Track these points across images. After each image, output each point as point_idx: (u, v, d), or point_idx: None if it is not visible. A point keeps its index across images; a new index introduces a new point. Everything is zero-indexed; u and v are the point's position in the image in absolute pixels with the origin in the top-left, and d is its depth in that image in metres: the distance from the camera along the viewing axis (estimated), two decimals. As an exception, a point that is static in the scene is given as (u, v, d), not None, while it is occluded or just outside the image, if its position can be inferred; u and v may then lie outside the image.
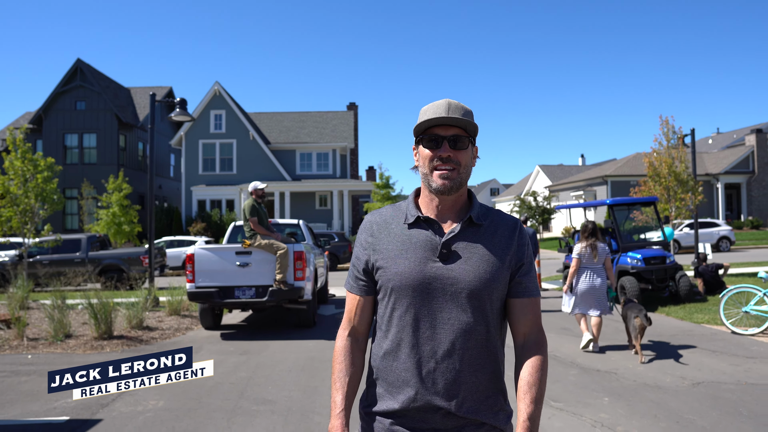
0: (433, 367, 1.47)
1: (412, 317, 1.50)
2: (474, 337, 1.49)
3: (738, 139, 45.90)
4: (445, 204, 1.57)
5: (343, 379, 1.58)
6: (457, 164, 1.53)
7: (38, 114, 31.29)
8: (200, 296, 8.03)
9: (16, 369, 6.43)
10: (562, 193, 39.95)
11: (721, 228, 25.22)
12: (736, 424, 4.26)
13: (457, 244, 1.52)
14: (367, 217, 1.67)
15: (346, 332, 1.64)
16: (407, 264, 1.51)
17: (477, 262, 1.51)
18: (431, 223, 1.55)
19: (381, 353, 1.56)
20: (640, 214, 15.49)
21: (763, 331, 7.44)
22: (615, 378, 5.64)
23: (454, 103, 1.55)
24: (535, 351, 1.58)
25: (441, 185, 1.52)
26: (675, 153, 14.35)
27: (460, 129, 1.54)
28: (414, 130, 1.58)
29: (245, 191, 30.44)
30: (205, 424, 4.48)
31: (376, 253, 1.57)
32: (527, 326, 1.60)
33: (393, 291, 1.53)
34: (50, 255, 15.90)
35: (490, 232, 1.55)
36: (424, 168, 1.56)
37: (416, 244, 1.53)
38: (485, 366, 1.51)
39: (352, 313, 1.64)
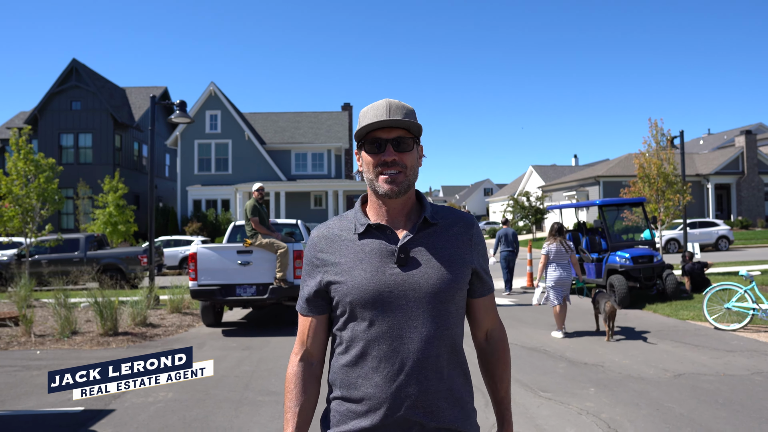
0: (404, 381, 1.39)
1: (376, 330, 1.42)
2: (442, 343, 1.43)
3: (728, 140, 46.49)
4: (394, 208, 1.50)
5: (294, 410, 1.50)
6: (403, 167, 1.47)
7: (33, 114, 31.34)
8: (202, 294, 8.27)
9: (26, 364, 6.66)
10: (555, 194, 40.35)
11: (720, 228, 25.59)
12: (711, 411, 4.57)
13: (414, 247, 1.46)
14: (313, 232, 1.58)
15: (297, 357, 1.55)
16: (364, 275, 1.43)
17: (436, 264, 1.45)
18: (383, 230, 1.48)
19: (344, 370, 1.46)
20: (631, 214, 15.84)
21: (744, 326, 7.76)
22: (602, 370, 5.93)
23: (395, 103, 1.49)
24: (502, 348, 1.60)
25: (388, 190, 1.45)
26: (664, 155, 14.69)
27: (403, 130, 1.48)
28: (355, 134, 1.50)
29: (241, 191, 30.66)
30: (214, 413, 4.74)
31: (329, 269, 1.49)
32: (490, 322, 1.60)
33: (352, 305, 1.44)
34: (49, 254, 16.06)
35: (445, 232, 1.50)
36: (369, 173, 1.49)
37: (370, 253, 1.46)
38: (455, 370, 1.47)
39: (305, 336, 1.55)
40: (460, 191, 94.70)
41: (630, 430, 4.21)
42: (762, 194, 34.73)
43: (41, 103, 31.31)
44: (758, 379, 5.49)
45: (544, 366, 6.15)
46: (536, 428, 4.27)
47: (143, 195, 34.72)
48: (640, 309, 9.96)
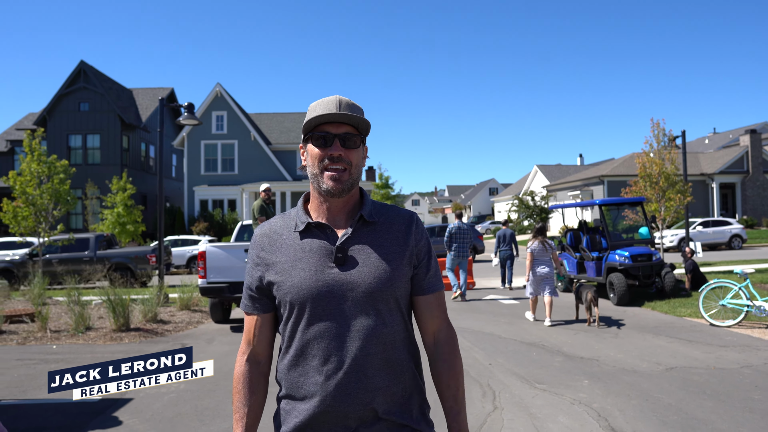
0: (343, 378, 1.40)
1: (315, 329, 1.43)
2: (382, 341, 1.44)
3: (733, 139, 46.51)
4: (336, 206, 1.51)
5: (243, 410, 1.51)
6: (349, 164, 1.47)
7: (42, 115, 31.75)
8: (211, 291, 8.54)
9: (44, 357, 6.94)
10: (560, 193, 40.47)
11: (733, 226, 25.55)
12: (698, 401, 4.78)
13: (352, 246, 1.47)
14: (256, 230, 1.58)
15: (244, 357, 1.55)
16: (302, 274, 1.44)
17: (374, 263, 1.45)
18: (323, 228, 1.49)
19: (286, 368, 1.48)
20: (633, 213, 16.01)
21: (738, 322, 7.96)
22: (596, 364, 6.15)
23: (345, 99, 1.48)
24: (449, 351, 1.57)
25: (332, 187, 1.45)
26: (666, 155, 14.83)
27: (351, 127, 1.48)
28: (303, 127, 1.49)
29: (247, 191, 30.99)
30: (225, 402, 4.99)
31: (269, 268, 1.50)
32: (435, 323, 1.57)
33: (291, 304, 1.45)
34: (59, 254, 16.39)
35: (385, 229, 1.51)
36: (314, 168, 1.48)
37: (310, 252, 1.47)
38: (397, 369, 1.47)
39: (251, 335, 1.55)
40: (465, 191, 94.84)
41: (619, 418, 4.43)
42: (767, 193, 34.76)
43: (50, 105, 31.72)
44: (747, 372, 5.70)
45: (541, 360, 6.38)
46: (530, 416, 4.50)
47: (150, 195, 35.10)
48: (639, 306, 10.16)
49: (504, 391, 5.15)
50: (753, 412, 4.47)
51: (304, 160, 1.54)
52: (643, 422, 4.32)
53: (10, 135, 35.75)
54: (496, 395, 5.03)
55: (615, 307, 10.16)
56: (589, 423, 4.35)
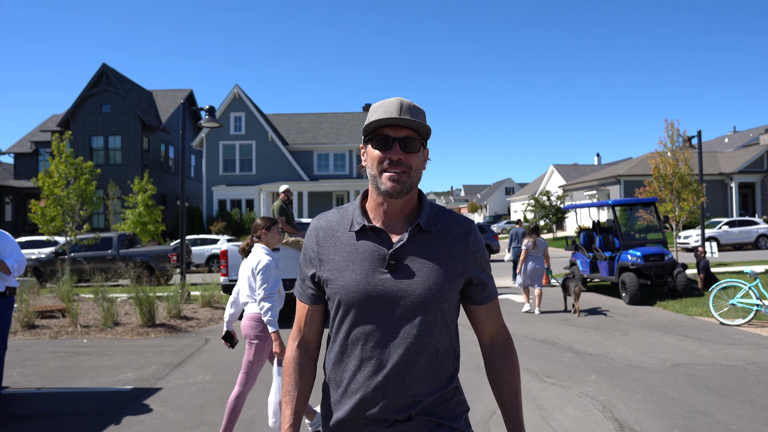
0: (381, 382, 1.43)
1: (360, 331, 1.45)
2: (424, 350, 1.45)
3: (753, 138, 45.95)
4: (393, 208, 1.50)
5: (293, 393, 1.55)
6: (408, 167, 1.46)
7: (66, 117, 32.50)
8: (233, 289, 8.84)
9: (76, 350, 7.31)
10: (576, 193, 40.37)
11: (760, 226, 25.22)
12: (701, 395, 4.97)
13: (406, 254, 1.46)
14: (313, 221, 1.59)
15: (295, 342, 1.60)
16: (353, 276, 1.45)
17: (427, 272, 1.45)
18: (378, 232, 1.49)
19: (331, 362, 1.52)
20: (647, 213, 16.08)
21: (748, 321, 8.08)
22: (605, 360, 6.35)
23: (407, 102, 1.47)
24: (507, 350, 1.59)
25: (390, 188, 1.44)
26: (680, 155, 14.89)
27: (411, 131, 1.47)
28: (363, 129, 1.50)
29: (264, 191, 31.43)
30: (249, 393, 5.27)
31: (323, 264, 1.51)
32: (492, 329, 1.59)
33: (339, 304, 1.47)
34: (84, 252, 16.88)
35: (440, 239, 1.50)
36: (373, 170, 1.48)
37: (363, 255, 1.47)
38: (438, 375, 1.48)
39: (302, 322, 1.59)
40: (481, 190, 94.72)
41: (623, 410, 4.64)
42: (788, 193, 34.37)
43: (73, 107, 32.47)
44: (752, 368, 5.86)
45: (551, 356, 6.59)
46: (538, 407, 4.72)
47: (170, 195, 35.76)
48: (651, 305, 10.30)
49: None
50: (753, 406, 4.66)
51: (364, 161, 1.54)
52: (646, 414, 4.53)
53: (35, 136, 36.62)
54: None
55: (627, 306, 10.31)
56: (594, 414, 4.56)
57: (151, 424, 4.48)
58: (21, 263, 4.98)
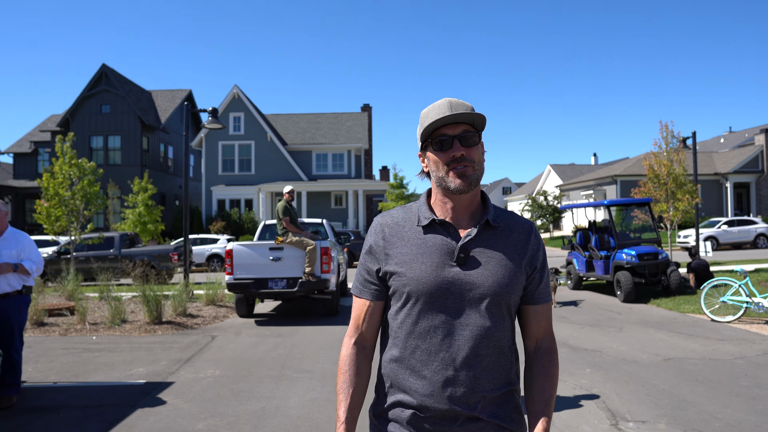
0: (452, 375, 1.43)
1: (429, 324, 1.46)
2: (492, 343, 1.46)
3: (749, 138, 46.27)
4: (460, 205, 1.52)
5: (347, 391, 1.53)
6: (471, 162, 1.47)
7: (65, 117, 32.65)
8: (238, 287, 9.08)
9: (87, 347, 7.52)
10: (573, 193, 40.65)
11: (759, 225, 25.54)
12: (690, 387, 5.22)
13: (474, 248, 1.48)
14: (377, 219, 1.60)
15: (352, 340, 1.58)
16: (424, 269, 1.46)
17: (495, 266, 1.47)
18: (446, 227, 1.50)
19: (395, 361, 1.51)
20: (642, 213, 16.34)
21: (738, 318, 8.34)
22: (599, 355, 6.59)
23: (455, 100, 1.49)
24: (549, 359, 1.57)
25: (460, 185, 1.46)
26: (675, 156, 15.16)
27: (467, 125, 1.49)
28: (420, 134, 1.52)
29: (264, 191, 31.63)
30: (258, 386, 5.51)
31: (389, 258, 1.52)
32: (540, 333, 1.58)
33: (409, 296, 1.48)
34: (86, 252, 17.08)
35: (506, 235, 1.53)
36: (439, 172, 1.49)
37: (432, 248, 1.49)
38: (503, 370, 1.49)
39: (360, 319, 1.58)
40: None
41: (616, 400, 4.88)
42: (782, 193, 34.71)
43: (72, 107, 32.62)
44: (740, 362, 6.11)
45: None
46: (535, 399, 4.96)
47: (169, 195, 35.96)
48: (645, 303, 10.56)
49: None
50: (739, 397, 4.90)
51: (425, 167, 1.56)
52: (638, 404, 4.77)
53: (34, 136, 36.77)
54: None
55: (621, 304, 10.56)
56: (588, 404, 4.80)
57: (167, 414, 4.70)
58: (39, 264, 5.19)
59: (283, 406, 4.88)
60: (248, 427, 4.39)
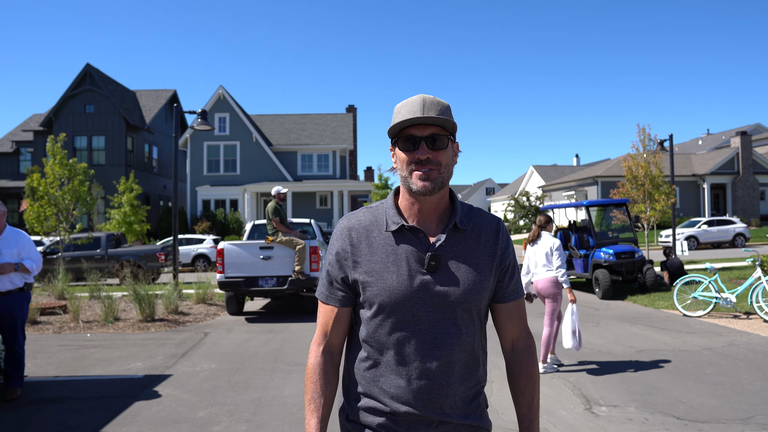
0: (426, 383, 1.42)
1: (402, 332, 1.44)
2: (464, 348, 1.46)
3: (725, 140, 47.39)
4: (427, 207, 1.49)
5: (318, 401, 1.49)
6: (437, 164, 1.44)
7: (49, 116, 32.45)
8: (229, 285, 9.31)
9: (82, 344, 7.71)
10: (555, 193, 41.31)
11: (737, 225, 26.26)
12: (659, 375, 5.59)
13: (444, 254, 1.46)
14: (342, 222, 1.55)
15: (320, 348, 1.54)
16: (395, 278, 1.44)
17: (465, 272, 1.45)
18: (416, 232, 1.47)
19: (367, 368, 1.49)
20: (621, 214, 16.83)
21: (708, 313, 8.78)
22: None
23: (429, 99, 1.44)
24: (526, 359, 1.56)
25: (422, 187, 1.42)
26: (652, 158, 15.66)
27: (438, 128, 1.44)
28: (389, 131, 1.48)
29: (249, 191, 31.74)
30: (254, 378, 5.78)
31: (358, 266, 1.48)
32: (515, 330, 1.57)
33: (381, 306, 1.45)
34: (72, 252, 17.12)
35: (475, 237, 1.51)
36: (403, 171, 1.46)
37: (402, 255, 1.45)
38: (472, 373, 1.49)
39: (329, 326, 1.53)
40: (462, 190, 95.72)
41: (591, 388, 5.24)
42: (757, 194, 35.65)
43: (56, 107, 32.43)
44: (706, 353, 6.51)
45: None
46: (515, 387, 5.29)
47: (153, 195, 35.89)
48: (622, 300, 10.99)
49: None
50: (703, 383, 5.29)
51: (395, 163, 1.53)
52: (611, 391, 5.13)
53: (16, 136, 36.44)
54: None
55: (600, 300, 10.98)
56: (565, 392, 5.15)
57: (168, 404, 4.95)
58: (38, 262, 5.39)
59: (278, 396, 5.15)
60: (247, 414, 4.66)
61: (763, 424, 4.21)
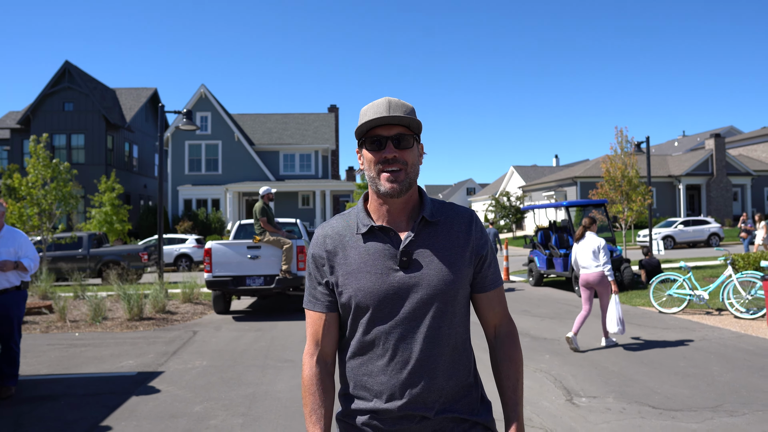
0: (407, 379, 1.44)
1: (380, 330, 1.46)
2: (445, 342, 1.46)
3: (700, 142, 48.48)
4: (396, 207, 1.51)
5: (319, 411, 1.51)
6: (404, 164, 1.47)
7: (26, 114, 32.01)
8: (216, 284, 9.42)
9: (71, 343, 7.77)
10: (535, 193, 41.88)
11: (712, 225, 26.98)
12: (636, 368, 5.87)
13: (416, 248, 1.48)
14: (318, 230, 1.59)
15: (314, 358, 1.56)
16: (369, 278, 1.46)
17: (438, 264, 1.47)
18: (386, 231, 1.50)
19: (352, 368, 1.52)
20: (599, 214, 17.24)
21: (682, 309, 9.12)
22: (557, 343, 7.22)
23: (395, 101, 1.48)
24: (509, 344, 1.58)
25: (390, 188, 1.46)
26: (629, 160, 16.09)
27: (403, 128, 1.48)
28: (355, 132, 1.51)
29: (231, 191, 31.67)
30: (246, 374, 5.92)
31: (334, 270, 1.51)
32: (496, 318, 1.59)
33: (359, 307, 1.47)
34: (53, 251, 16.99)
35: (446, 230, 1.52)
36: (371, 171, 1.49)
37: (374, 255, 1.48)
38: (458, 367, 1.49)
39: (319, 335, 1.55)
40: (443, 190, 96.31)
41: (571, 380, 5.48)
42: (730, 195, 36.56)
43: (34, 104, 32.00)
44: (680, 347, 6.82)
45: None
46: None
47: (134, 194, 35.60)
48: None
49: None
50: (677, 375, 5.57)
51: (362, 165, 1.55)
52: (590, 383, 5.38)
53: (-6, 134, 35.84)
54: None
55: (579, 298, 11.28)
56: (547, 384, 5.39)
57: (164, 400, 5.08)
58: (36, 261, 5.47)
59: (271, 391, 5.31)
60: (242, 408, 4.81)
61: (730, 411, 4.49)
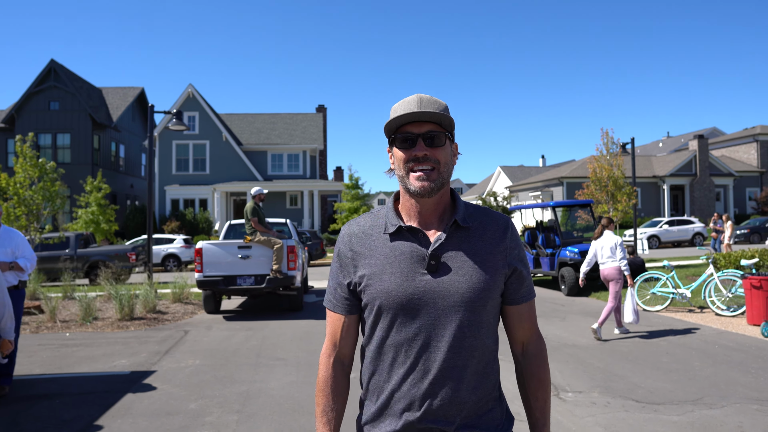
0: (428, 389, 1.36)
1: (403, 336, 1.39)
2: (470, 353, 1.38)
3: (684, 143, 49.19)
4: (427, 208, 1.44)
5: (330, 414, 1.48)
6: (436, 163, 1.40)
7: (11, 113, 31.70)
8: (207, 284, 9.46)
9: (63, 343, 7.79)
10: (522, 194, 42.22)
11: (696, 225, 27.57)
12: (620, 364, 6.04)
13: (446, 252, 1.40)
14: (344, 228, 1.54)
15: (331, 359, 1.52)
16: (393, 280, 1.39)
17: (468, 270, 1.39)
18: (415, 233, 1.43)
19: (371, 373, 1.46)
20: (585, 214, 17.49)
21: (665, 307, 9.34)
22: (545, 340, 7.36)
23: (426, 97, 1.42)
24: (537, 363, 1.50)
25: (420, 188, 1.39)
26: (614, 161, 16.34)
27: (435, 125, 1.41)
28: (385, 130, 1.44)
29: (219, 191, 31.60)
30: (238, 372, 6.00)
31: (358, 270, 1.45)
32: (525, 334, 1.51)
33: (381, 309, 1.41)
34: (40, 252, 16.87)
35: (479, 235, 1.44)
36: (400, 170, 1.43)
37: (401, 256, 1.41)
38: (483, 380, 1.41)
39: (337, 336, 1.51)
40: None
41: (558, 376, 5.63)
42: (713, 195, 37.12)
43: (19, 103, 31.70)
44: (663, 343, 7.01)
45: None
46: (488, 377, 5.66)
47: (120, 194, 35.38)
48: (587, 296, 11.52)
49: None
50: (659, 370, 5.75)
51: (392, 164, 1.48)
52: (576, 378, 5.53)
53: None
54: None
55: (566, 297, 11.49)
56: (534, 380, 5.53)
57: (159, 398, 5.15)
58: (33, 261, 5.51)
59: (265, 388, 5.39)
60: (237, 405, 4.89)
61: (710, 404, 4.66)
